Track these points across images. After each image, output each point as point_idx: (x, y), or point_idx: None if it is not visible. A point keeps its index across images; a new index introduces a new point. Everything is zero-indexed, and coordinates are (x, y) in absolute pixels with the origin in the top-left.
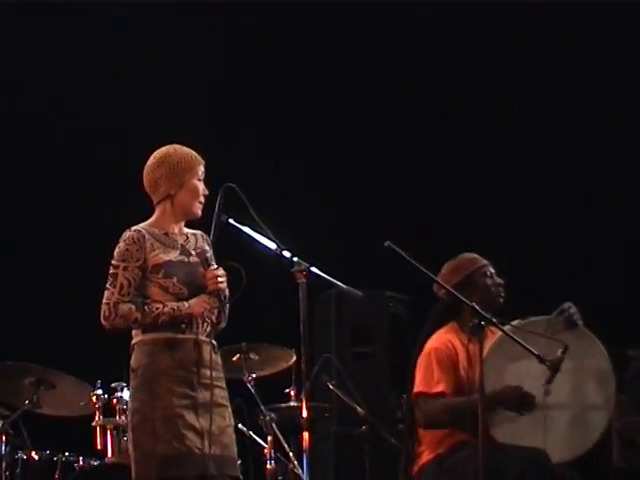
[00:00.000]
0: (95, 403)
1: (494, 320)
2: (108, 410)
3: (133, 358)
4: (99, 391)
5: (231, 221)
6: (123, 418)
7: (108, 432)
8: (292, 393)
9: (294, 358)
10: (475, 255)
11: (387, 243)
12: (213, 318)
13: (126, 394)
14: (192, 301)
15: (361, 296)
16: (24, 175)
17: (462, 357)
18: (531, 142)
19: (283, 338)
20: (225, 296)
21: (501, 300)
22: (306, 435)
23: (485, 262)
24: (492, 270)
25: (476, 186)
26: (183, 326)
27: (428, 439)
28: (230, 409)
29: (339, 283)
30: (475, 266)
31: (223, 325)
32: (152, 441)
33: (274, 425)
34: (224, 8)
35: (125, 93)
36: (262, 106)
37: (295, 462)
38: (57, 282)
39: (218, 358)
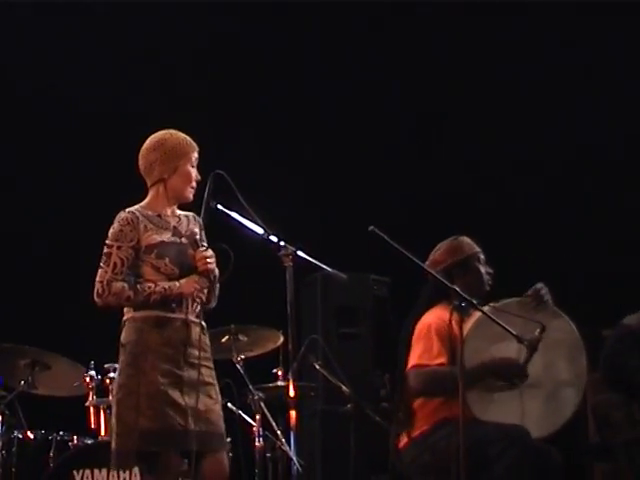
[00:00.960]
0: (89, 384)
1: (474, 302)
2: (101, 390)
3: (123, 334)
4: (92, 372)
5: (220, 207)
6: None
7: (101, 412)
8: (280, 373)
9: (281, 339)
10: (470, 240)
11: (371, 228)
12: (203, 297)
13: None
14: (182, 281)
15: (346, 279)
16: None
17: (456, 331)
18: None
19: (271, 320)
20: (215, 276)
21: (488, 288)
22: (293, 413)
23: (479, 249)
24: (484, 257)
25: (463, 171)
26: (173, 305)
27: (418, 416)
28: (217, 387)
29: (325, 266)
30: (473, 250)
31: (213, 305)
32: (134, 415)
33: (262, 404)
34: None
35: (120, 79)
36: (249, 93)
37: (283, 439)
38: (52, 265)
39: (206, 339)
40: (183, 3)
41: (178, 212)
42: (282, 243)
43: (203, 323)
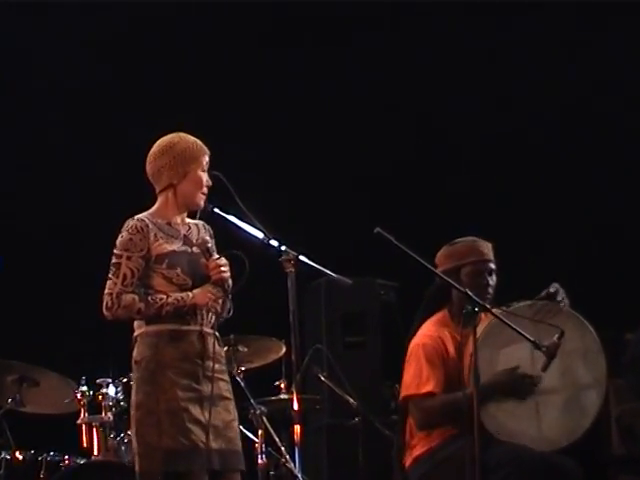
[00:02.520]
0: (80, 400)
1: (487, 306)
2: (93, 407)
3: (136, 350)
4: (84, 388)
5: (216, 210)
6: (109, 415)
7: (94, 430)
8: (282, 385)
9: (284, 349)
10: (475, 245)
11: (377, 229)
12: (218, 308)
13: (112, 390)
14: (196, 291)
15: (351, 284)
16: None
17: (451, 350)
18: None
19: (272, 329)
20: (229, 285)
21: (486, 302)
22: (297, 428)
23: (482, 257)
24: (489, 267)
25: (469, 170)
26: (188, 317)
27: (421, 433)
28: (234, 402)
29: (328, 271)
30: (468, 259)
31: (227, 315)
32: (157, 434)
33: (264, 419)
34: None
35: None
36: (247, 93)
37: (287, 456)
38: (39, 277)
39: (222, 350)
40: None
41: (188, 220)
42: (283, 248)
43: (217, 334)
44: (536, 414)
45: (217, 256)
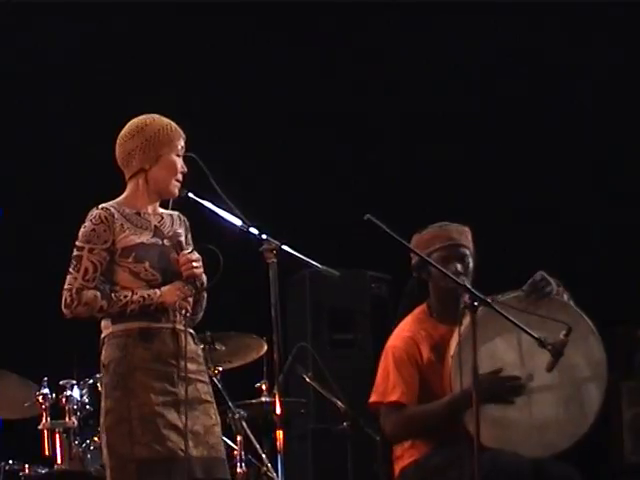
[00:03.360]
0: (42, 404)
1: (489, 300)
2: (57, 411)
3: (104, 353)
4: (46, 390)
5: (191, 195)
6: (74, 420)
7: (57, 436)
8: (264, 387)
9: (265, 348)
10: (444, 229)
11: (367, 216)
12: (188, 307)
13: (76, 392)
14: (164, 289)
15: (339, 276)
16: None
17: (426, 353)
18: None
19: (252, 325)
20: (202, 283)
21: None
22: (280, 434)
23: (449, 242)
24: (459, 252)
25: (459, 153)
26: (158, 314)
27: (407, 443)
28: (215, 405)
29: (314, 262)
30: (432, 247)
31: (199, 316)
32: (129, 444)
33: (244, 424)
34: None
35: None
36: (229, 75)
37: (269, 464)
38: None
39: (199, 349)
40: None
41: (161, 210)
42: (264, 236)
43: (192, 331)
44: (529, 415)
45: (189, 250)
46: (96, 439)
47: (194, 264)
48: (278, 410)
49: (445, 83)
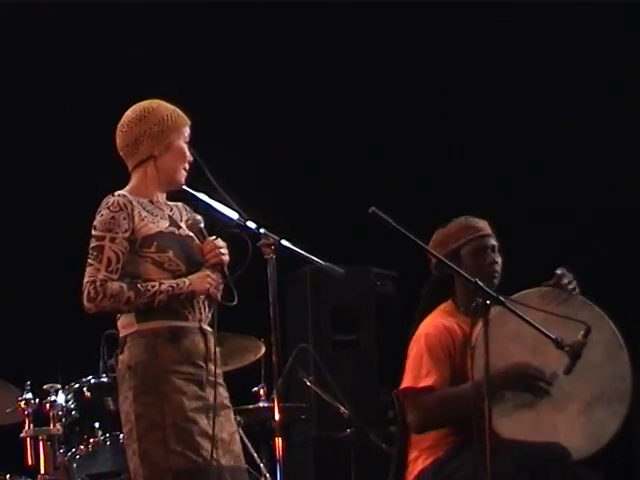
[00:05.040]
0: (24, 409)
1: (501, 298)
2: (40, 418)
3: (127, 353)
4: (28, 395)
5: (185, 187)
6: (58, 427)
7: (41, 444)
8: (262, 392)
9: (263, 349)
10: (470, 221)
11: (372, 209)
12: (219, 297)
13: (61, 397)
14: (193, 277)
15: (342, 273)
16: None
17: (458, 344)
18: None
19: (249, 326)
20: (227, 270)
21: (495, 281)
22: (279, 441)
23: (480, 232)
24: (490, 243)
25: (464, 145)
26: (185, 312)
27: (423, 442)
28: (233, 411)
29: (315, 258)
30: (463, 239)
31: (231, 304)
32: (164, 452)
33: (241, 430)
34: None
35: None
36: (226, 63)
37: (267, 474)
38: None
39: (218, 351)
40: None
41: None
42: (262, 230)
43: (213, 331)
44: (552, 417)
45: (213, 237)
46: (82, 447)
47: (221, 251)
48: (277, 416)
49: (460, 78)
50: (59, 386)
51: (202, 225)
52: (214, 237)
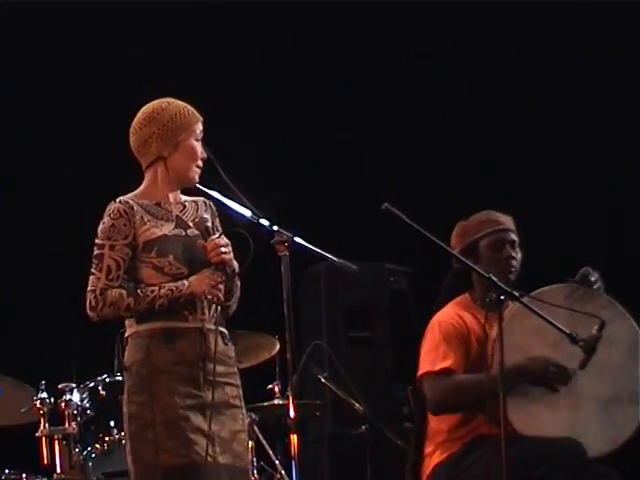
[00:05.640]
0: (39, 409)
1: (515, 293)
2: (55, 417)
3: (126, 354)
4: (44, 394)
5: (198, 185)
6: (74, 426)
7: (56, 443)
8: (276, 389)
9: (277, 347)
10: (491, 215)
11: (385, 205)
12: (221, 296)
13: (76, 396)
14: (192, 279)
15: (356, 270)
16: None
17: (474, 333)
18: None
19: (264, 323)
20: (233, 270)
21: (511, 277)
22: (294, 438)
23: (499, 226)
24: (509, 237)
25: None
26: (186, 312)
27: (438, 437)
28: (244, 410)
29: (329, 255)
30: (482, 232)
31: (233, 307)
32: (154, 451)
33: (256, 428)
34: None
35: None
36: (238, 61)
37: (282, 471)
38: None
39: (230, 350)
40: None
41: (183, 198)
42: (275, 228)
43: (223, 330)
44: (570, 413)
45: (216, 235)
46: (97, 446)
47: (223, 249)
48: (292, 413)
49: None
50: (74, 385)
51: (208, 224)
52: (216, 235)
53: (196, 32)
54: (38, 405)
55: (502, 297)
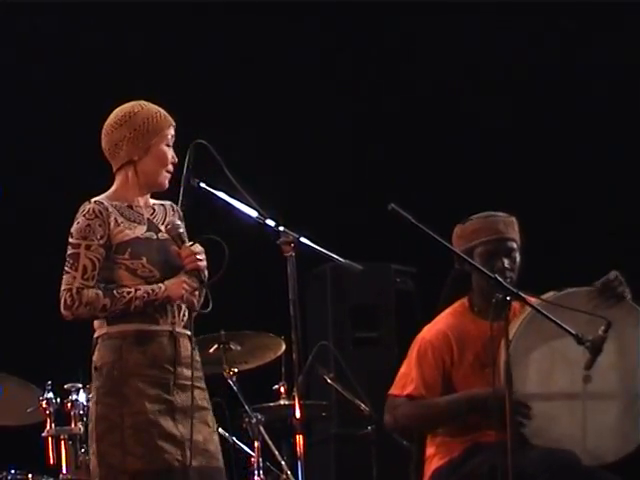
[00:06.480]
0: (45, 409)
1: (522, 294)
2: (61, 417)
3: (96, 355)
4: (50, 394)
5: (203, 185)
6: (80, 426)
7: (62, 443)
8: (282, 389)
9: (283, 347)
10: (488, 221)
11: (391, 206)
12: (195, 302)
13: (82, 397)
14: (169, 282)
15: (362, 270)
16: None
17: (458, 349)
18: None
19: (270, 324)
20: (205, 276)
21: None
22: (300, 439)
23: (494, 236)
24: (503, 247)
25: (484, 141)
26: (157, 315)
27: (439, 441)
28: (212, 412)
29: (335, 256)
30: (477, 241)
31: (205, 311)
32: (120, 454)
33: (262, 428)
34: None
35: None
36: (238, 61)
37: (288, 472)
38: None
39: (197, 354)
40: None
41: (152, 201)
42: (281, 228)
43: (190, 334)
44: (581, 418)
45: (191, 242)
46: None
47: (198, 257)
48: (298, 414)
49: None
50: (80, 385)
51: (181, 230)
52: (191, 243)
53: (196, 32)
54: (44, 405)
55: (508, 298)
